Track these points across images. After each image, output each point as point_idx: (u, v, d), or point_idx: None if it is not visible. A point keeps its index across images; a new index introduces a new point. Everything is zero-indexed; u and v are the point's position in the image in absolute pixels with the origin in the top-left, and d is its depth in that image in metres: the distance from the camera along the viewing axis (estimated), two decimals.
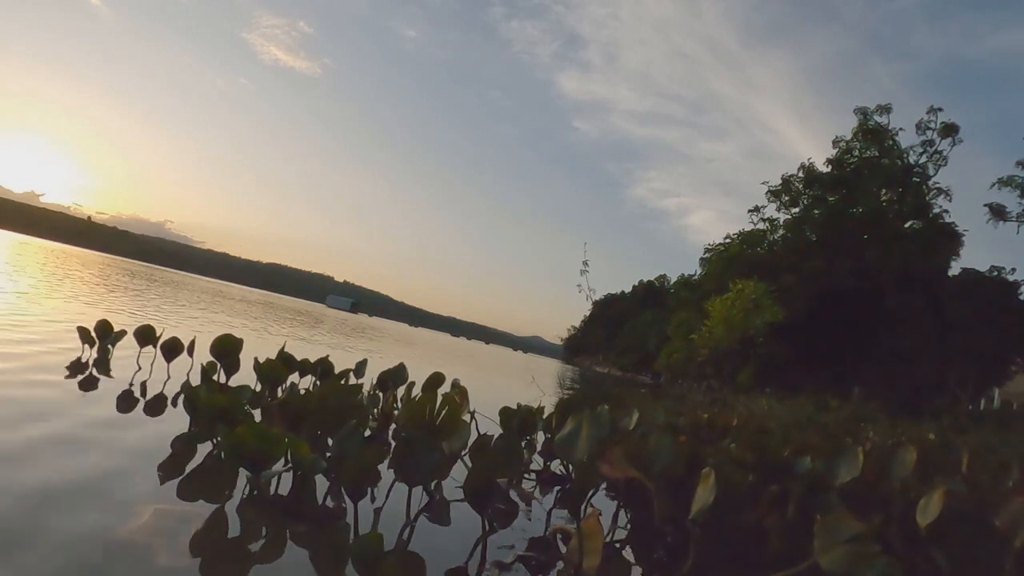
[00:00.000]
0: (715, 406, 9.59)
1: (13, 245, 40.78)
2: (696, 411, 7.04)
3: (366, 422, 3.90)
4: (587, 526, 2.26)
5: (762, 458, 3.36)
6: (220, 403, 3.11)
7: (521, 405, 4.54)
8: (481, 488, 2.41)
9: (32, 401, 3.51)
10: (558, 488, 3.84)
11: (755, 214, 35.19)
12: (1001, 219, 26.04)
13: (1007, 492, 2.89)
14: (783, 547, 2.61)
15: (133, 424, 3.55)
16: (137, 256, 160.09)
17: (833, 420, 8.34)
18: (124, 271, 35.11)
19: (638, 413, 4.38)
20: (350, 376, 5.19)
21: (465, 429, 3.12)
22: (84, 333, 5.42)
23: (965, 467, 3.79)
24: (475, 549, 2.44)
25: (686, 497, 2.59)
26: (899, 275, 26.98)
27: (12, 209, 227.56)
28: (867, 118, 31.89)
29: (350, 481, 2.41)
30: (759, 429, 5.31)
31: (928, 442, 5.68)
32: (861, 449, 3.00)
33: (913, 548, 2.42)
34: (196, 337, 5.56)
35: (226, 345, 4.67)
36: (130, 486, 2.49)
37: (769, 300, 23.94)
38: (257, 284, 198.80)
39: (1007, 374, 30.39)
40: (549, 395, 11.19)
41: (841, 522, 2.04)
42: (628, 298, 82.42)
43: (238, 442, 2.47)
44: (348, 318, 54.66)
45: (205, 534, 2.17)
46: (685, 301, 35.42)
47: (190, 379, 4.34)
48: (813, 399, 12.52)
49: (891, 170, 31.19)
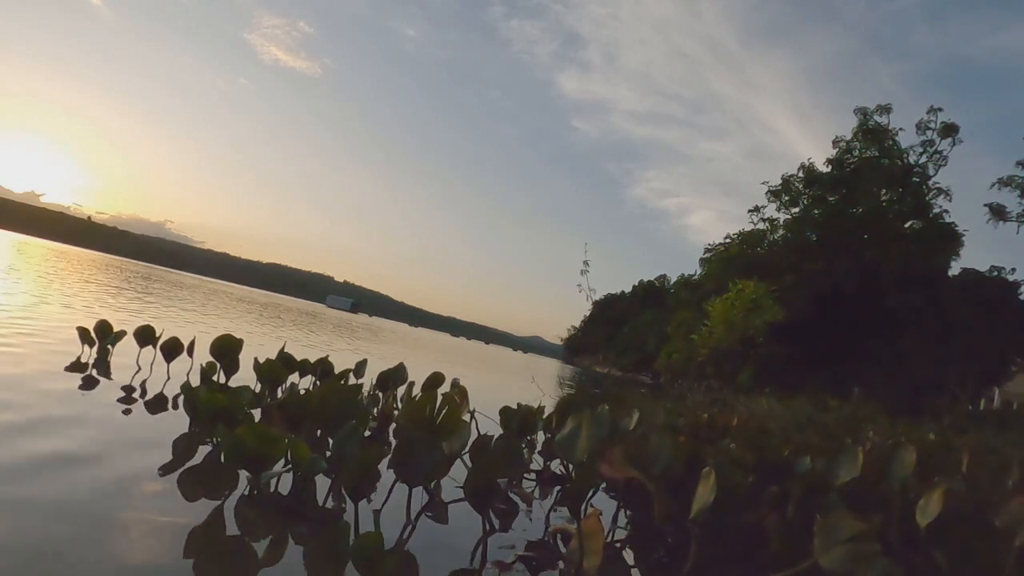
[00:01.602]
0: (715, 406, 9.58)
1: (13, 245, 40.77)
2: (696, 411, 7.03)
3: (366, 422, 3.90)
4: (587, 526, 2.26)
5: (762, 458, 3.37)
6: (220, 403, 3.11)
7: (521, 405, 4.55)
8: (481, 488, 2.41)
9: (32, 401, 3.50)
10: (558, 488, 3.84)
11: (755, 214, 35.22)
12: (1001, 219, 26.05)
13: (1007, 492, 2.89)
14: (783, 547, 2.61)
15: (133, 425, 3.55)
16: (137, 256, 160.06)
17: (833, 420, 8.33)
18: (124, 271, 35.11)
19: (638, 413, 4.38)
20: (350, 376, 5.19)
21: (465, 429, 3.12)
22: (84, 333, 5.41)
23: (965, 467, 3.79)
24: (476, 549, 2.44)
25: (686, 497, 2.59)
26: (899, 275, 26.98)
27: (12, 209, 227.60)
28: (867, 118, 31.90)
29: (350, 481, 2.41)
30: (759, 429, 5.32)
31: (928, 442, 5.67)
32: (861, 449, 3.01)
33: (913, 548, 2.43)
34: (196, 337, 5.56)
35: (226, 345, 4.67)
36: (130, 486, 2.49)
37: (769, 300, 23.94)
38: (257, 284, 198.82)
39: (1007, 374, 30.38)
40: (549, 395, 11.18)
41: (841, 522, 2.04)
42: (628, 298, 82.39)
43: (238, 443, 2.47)
44: (348, 318, 54.67)
45: (205, 534, 2.17)
46: (685, 301, 35.43)
47: (190, 379, 4.34)
48: (813, 399, 12.51)
49: (891, 170, 31.20)
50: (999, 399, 26.06)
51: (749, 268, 28.71)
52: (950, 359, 25.03)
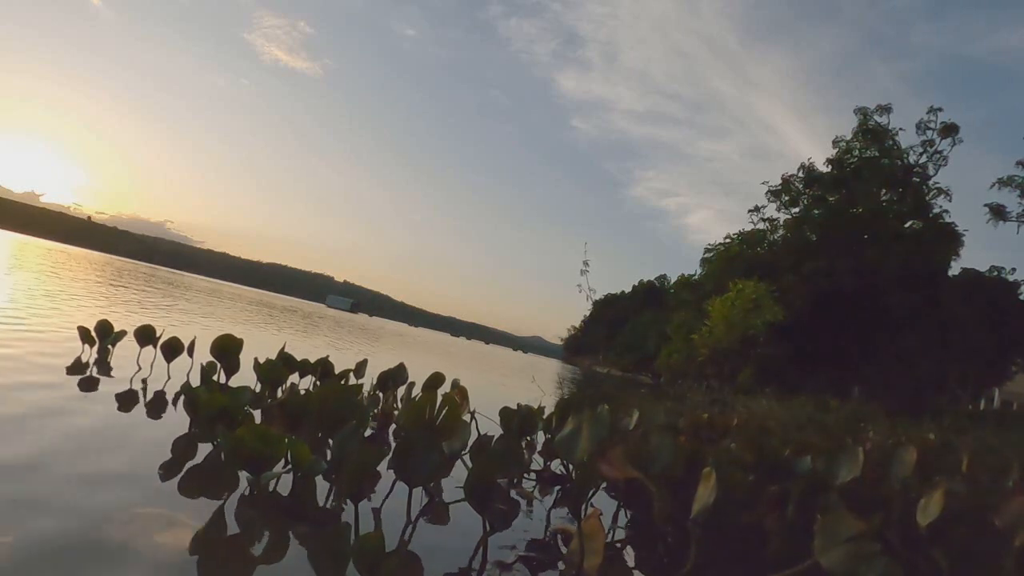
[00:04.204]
0: (715, 406, 9.58)
1: (13, 245, 40.77)
2: (696, 411, 7.04)
3: (366, 422, 3.90)
4: (588, 526, 2.26)
5: (762, 458, 3.36)
6: (220, 404, 3.11)
7: (521, 405, 4.55)
8: (481, 488, 2.41)
9: (31, 401, 3.50)
10: (558, 488, 3.84)
11: (755, 214, 35.18)
12: (1001, 219, 26.01)
13: (1007, 492, 2.89)
14: (783, 547, 2.61)
15: (133, 424, 3.55)
16: (137, 256, 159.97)
17: (833, 420, 8.33)
18: (124, 271, 35.10)
19: (638, 413, 4.38)
20: (350, 376, 5.20)
21: (465, 429, 3.12)
22: (84, 333, 5.41)
23: (965, 467, 3.79)
24: (476, 549, 2.44)
25: (686, 497, 2.59)
26: (899, 275, 26.95)
27: (12, 209, 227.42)
28: (867, 118, 31.87)
29: (350, 481, 2.41)
30: (759, 429, 5.31)
31: (928, 442, 5.67)
32: (861, 449, 3.00)
33: (913, 548, 2.42)
34: (196, 337, 5.56)
35: (226, 345, 4.67)
36: (131, 486, 2.49)
37: (769, 300, 23.92)
38: (257, 284, 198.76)
39: (1007, 374, 30.40)
40: (549, 395, 11.18)
41: (841, 522, 2.04)
42: (628, 298, 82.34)
43: (238, 443, 2.47)
44: (348, 318, 54.66)
45: (206, 534, 2.17)
46: (685, 301, 35.38)
47: (190, 379, 4.34)
48: (813, 399, 12.51)
49: (891, 170, 31.17)
50: (999, 399, 26.06)
51: (749, 268, 28.69)
52: (950, 359, 25.02)
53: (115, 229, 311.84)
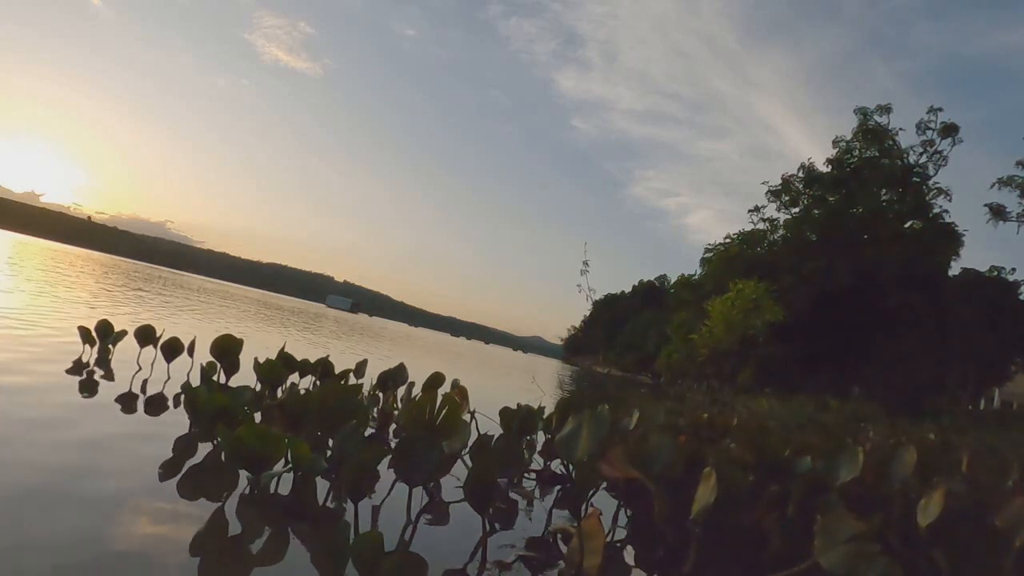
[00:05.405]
0: (715, 406, 9.58)
1: (13, 245, 40.77)
2: (696, 411, 7.04)
3: (366, 422, 3.90)
4: (587, 526, 2.26)
5: (762, 458, 3.37)
6: (220, 403, 3.11)
7: (521, 405, 4.54)
8: (481, 488, 2.41)
9: (32, 401, 3.51)
10: (558, 488, 3.84)
11: (755, 214, 35.17)
12: (1001, 219, 26.01)
13: (1007, 492, 2.89)
14: (783, 547, 2.61)
15: (133, 424, 3.55)
16: (137, 256, 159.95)
17: (833, 420, 8.33)
18: (124, 271, 35.10)
19: (638, 413, 4.38)
20: (350, 376, 5.19)
21: (465, 429, 3.13)
22: (84, 333, 5.41)
23: (965, 467, 3.79)
24: (476, 549, 2.44)
25: (686, 497, 2.59)
26: (899, 275, 26.94)
27: (12, 209, 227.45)
28: (867, 118, 31.86)
29: (350, 481, 2.41)
30: (759, 429, 5.31)
31: (928, 442, 5.67)
32: (861, 449, 3.01)
33: (913, 548, 2.42)
34: (196, 337, 5.56)
35: (226, 345, 4.67)
36: (131, 486, 2.49)
37: (769, 300, 23.90)
38: (257, 284, 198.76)
39: (1007, 374, 30.39)
40: (549, 395, 11.18)
41: (841, 522, 2.04)
42: (628, 298, 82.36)
43: (238, 443, 2.47)
44: (348, 318, 54.65)
45: (206, 534, 2.17)
46: (685, 301, 35.36)
47: (190, 379, 4.34)
48: (813, 399, 12.51)
49: (891, 170, 31.16)
50: (999, 399, 26.06)
51: (749, 268, 28.67)
52: (950, 359, 25.02)
53: (115, 229, 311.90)
